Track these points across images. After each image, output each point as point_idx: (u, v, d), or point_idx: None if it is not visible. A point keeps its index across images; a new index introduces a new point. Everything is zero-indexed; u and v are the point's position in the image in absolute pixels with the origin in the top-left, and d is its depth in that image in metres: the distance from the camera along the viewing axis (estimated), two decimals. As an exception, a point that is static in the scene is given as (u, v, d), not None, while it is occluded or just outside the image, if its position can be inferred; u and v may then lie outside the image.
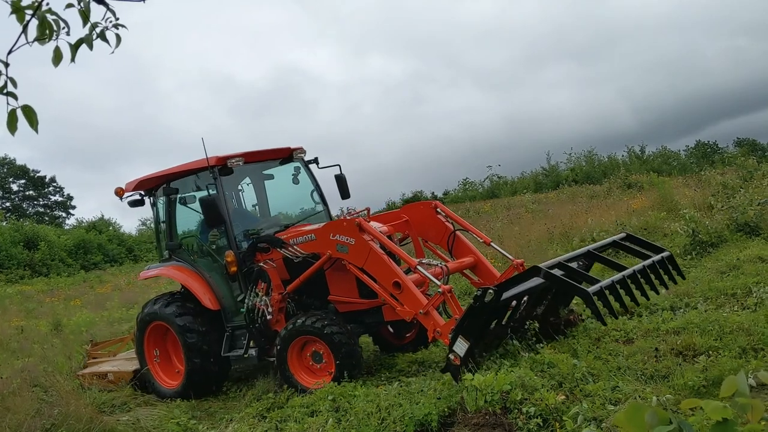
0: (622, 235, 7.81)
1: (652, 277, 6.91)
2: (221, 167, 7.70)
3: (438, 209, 7.90)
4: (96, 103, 76.58)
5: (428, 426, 4.93)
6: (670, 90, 74.45)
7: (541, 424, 4.57)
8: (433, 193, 40.79)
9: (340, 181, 8.67)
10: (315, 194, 8.79)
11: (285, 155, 8.56)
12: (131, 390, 8.37)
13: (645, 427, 1.33)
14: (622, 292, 6.38)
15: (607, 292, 6.06)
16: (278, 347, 7.10)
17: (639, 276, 6.68)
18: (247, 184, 8.88)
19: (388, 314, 7.11)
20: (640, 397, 4.98)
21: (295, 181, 8.66)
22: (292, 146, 8.55)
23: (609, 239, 7.68)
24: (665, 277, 7.12)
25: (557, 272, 6.30)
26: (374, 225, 7.17)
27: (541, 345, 6.25)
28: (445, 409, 5.00)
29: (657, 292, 7.05)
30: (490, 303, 5.70)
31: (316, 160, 8.74)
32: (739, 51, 76.77)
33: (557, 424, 4.54)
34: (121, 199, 8.45)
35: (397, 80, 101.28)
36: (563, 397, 4.99)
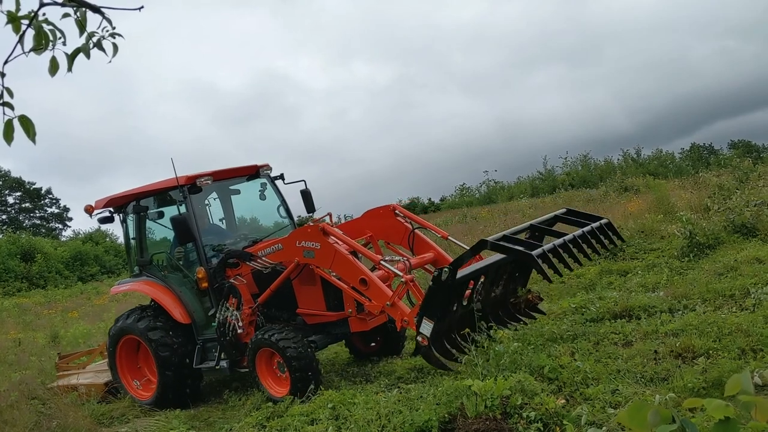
0: (563, 210, 8.11)
1: (593, 242, 7.29)
2: (190, 186, 7.93)
3: (397, 211, 8.20)
4: (77, 114, 76.52)
5: (429, 432, 4.91)
6: (662, 92, 74.66)
7: (542, 428, 4.56)
8: (429, 199, 40.83)
9: (306, 195, 9.00)
10: (281, 209, 9.07)
11: (251, 172, 8.85)
12: (130, 401, 8.37)
13: (648, 426, 1.33)
14: (565, 255, 6.69)
15: (550, 255, 6.37)
16: (249, 357, 7.38)
17: (579, 240, 7.03)
18: (214, 199, 9.10)
19: (354, 325, 7.50)
20: (640, 399, 4.97)
21: (262, 197, 8.93)
22: (259, 163, 8.84)
23: (551, 214, 7.95)
24: (606, 242, 7.51)
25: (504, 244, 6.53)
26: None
27: (494, 329, 6.34)
28: (445, 415, 4.98)
29: (598, 254, 7.50)
30: (446, 282, 6.08)
31: (281, 176, 9.07)
32: (730, 52, 77.14)
33: (558, 429, 4.53)
34: (90, 216, 8.67)
35: (383, 86, 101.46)
36: (563, 401, 4.98)
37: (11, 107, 2.58)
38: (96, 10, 2.72)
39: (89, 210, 8.58)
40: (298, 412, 6.10)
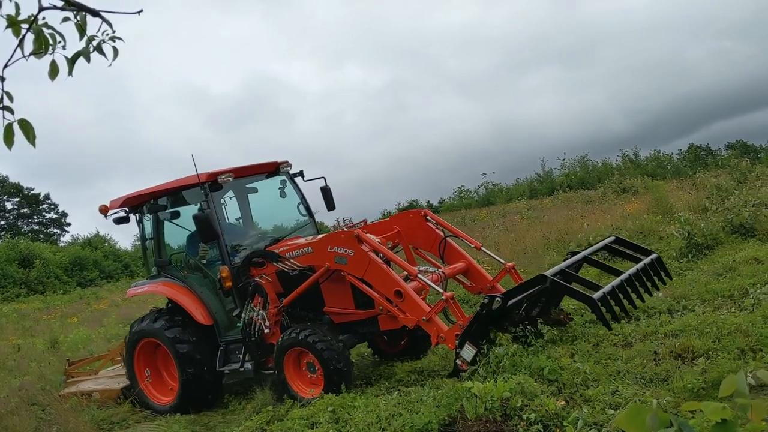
0: (612, 238, 8.08)
1: (645, 279, 7.25)
2: (211, 183, 7.76)
3: (428, 217, 8.01)
4: (72, 117, 76.45)
5: (429, 435, 4.90)
6: (659, 93, 74.64)
7: (542, 430, 4.56)
8: (428, 201, 40.86)
9: (326, 193, 8.82)
10: (301, 207, 8.90)
11: (271, 169, 8.69)
12: (129, 406, 8.33)
13: (646, 429, 1.34)
14: (620, 296, 6.61)
15: (608, 297, 6.31)
16: (276, 359, 7.16)
17: (634, 280, 6.98)
18: (230, 198, 8.93)
19: (384, 324, 7.17)
20: (639, 400, 4.98)
21: (282, 194, 8.76)
22: (279, 160, 8.68)
23: (600, 243, 7.95)
24: (655, 279, 7.52)
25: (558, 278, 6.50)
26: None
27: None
28: (445, 418, 4.98)
29: (650, 294, 7.37)
30: (497, 310, 5.97)
31: (301, 173, 8.90)
32: (726, 53, 77.17)
33: (558, 430, 4.53)
34: (105, 216, 8.46)
35: (377, 89, 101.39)
36: (563, 402, 4.98)
37: (11, 111, 2.58)
38: (96, 13, 2.72)
39: (104, 210, 8.38)
40: (299, 416, 6.09)
